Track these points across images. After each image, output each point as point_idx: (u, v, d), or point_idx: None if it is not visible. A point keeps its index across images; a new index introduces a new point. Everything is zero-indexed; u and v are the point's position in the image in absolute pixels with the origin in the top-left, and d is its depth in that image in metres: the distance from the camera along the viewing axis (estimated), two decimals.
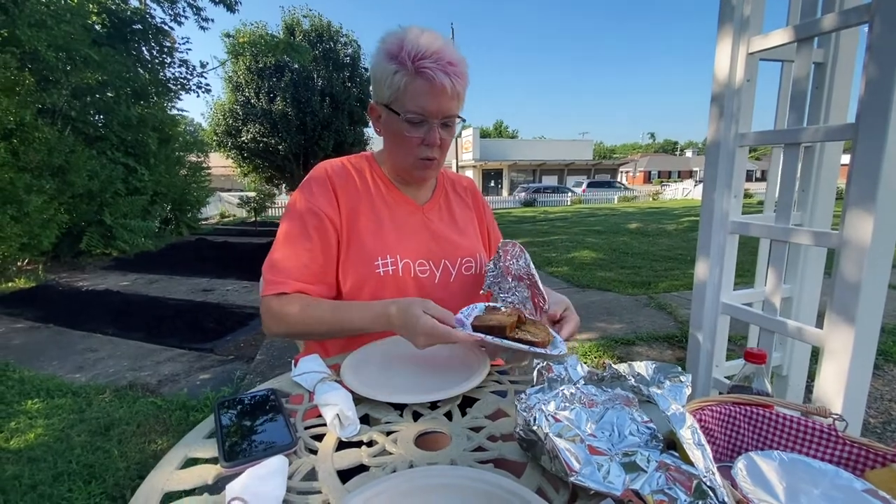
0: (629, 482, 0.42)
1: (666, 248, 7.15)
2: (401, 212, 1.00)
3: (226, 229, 12.40)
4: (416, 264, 0.96)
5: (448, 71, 0.84)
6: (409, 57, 0.83)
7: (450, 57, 0.85)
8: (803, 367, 1.57)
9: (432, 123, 0.89)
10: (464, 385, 0.67)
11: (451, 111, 0.89)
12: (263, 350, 3.20)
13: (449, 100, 0.87)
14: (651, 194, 26.48)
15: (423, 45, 0.83)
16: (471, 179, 1.23)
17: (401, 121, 0.88)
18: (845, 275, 1.03)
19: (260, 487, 0.44)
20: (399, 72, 0.84)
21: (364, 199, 0.97)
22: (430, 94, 0.85)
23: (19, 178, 5.04)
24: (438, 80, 0.83)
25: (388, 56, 0.85)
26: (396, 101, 0.87)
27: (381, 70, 0.86)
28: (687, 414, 0.47)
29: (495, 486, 0.41)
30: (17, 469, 1.80)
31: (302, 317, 0.83)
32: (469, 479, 0.43)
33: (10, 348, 3.35)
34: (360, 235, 0.94)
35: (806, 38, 1.16)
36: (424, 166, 0.95)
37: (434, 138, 0.90)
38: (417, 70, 0.83)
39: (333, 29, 15.31)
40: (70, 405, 2.36)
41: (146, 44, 7.51)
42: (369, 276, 0.92)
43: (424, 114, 0.87)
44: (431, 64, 0.83)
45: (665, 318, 3.64)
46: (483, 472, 0.44)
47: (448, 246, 1.02)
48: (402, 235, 0.97)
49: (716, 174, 1.36)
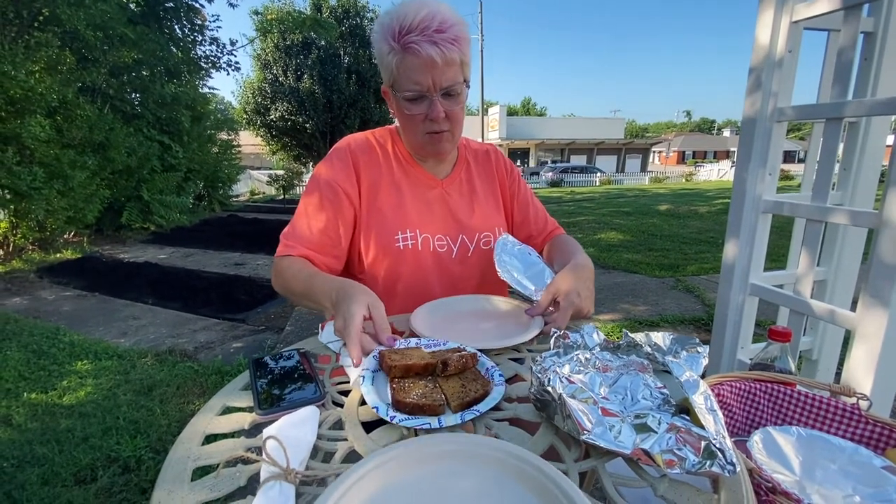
0: (639, 442, 0.44)
1: (697, 230, 6.93)
2: (420, 186, 1.00)
3: (256, 206, 12.72)
4: (435, 239, 0.98)
5: (435, 39, 0.80)
6: (396, 34, 0.81)
7: (437, 24, 0.80)
8: (834, 352, 1.52)
9: (432, 97, 0.86)
10: (514, 339, 0.73)
11: (449, 80, 0.85)
12: (293, 321, 3.33)
13: (443, 70, 0.83)
14: (685, 175, 25.55)
15: (406, 17, 0.80)
16: (492, 145, 1.20)
17: (402, 99, 0.87)
18: (883, 257, 0.99)
19: (293, 431, 0.48)
20: (391, 52, 0.83)
21: (385, 173, 0.98)
22: (421, 68, 0.82)
23: (64, 154, 5.30)
24: (425, 52, 0.79)
25: (382, 37, 0.84)
26: (396, 82, 0.86)
27: (378, 53, 0.86)
28: (701, 381, 0.48)
29: (506, 454, 0.43)
30: (69, 423, 1.96)
31: (289, 276, 0.86)
32: (481, 447, 0.44)
33: (60, 314, 3.59)
34: (380, 210, 0.95)
35: (854, 6, 1.09)
36: (435, 140, 0.93)
37: (436, 112, 0.87)
38: (404, 46, 0.80)
39: (360, 4, 15.17)
40: (116, 367, 2.53)
41: (178, 21, 7.65)
42: (389, 250, 0.94)
43: (420, 89, 0.84)
44: (416, 37, 0.79)
45: (692, 301, 3.57)
46: (494, 441, 0.45)
47: (466, 221, 1.02)
48: (421, 210, 0.99)
49: (750, 151, 1.31)
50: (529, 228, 1.14)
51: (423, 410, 0.51)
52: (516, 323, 0.83)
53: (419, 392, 0.54)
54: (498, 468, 0.43)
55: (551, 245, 1.11)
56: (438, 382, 0.57)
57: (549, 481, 0.40)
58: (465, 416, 0.51)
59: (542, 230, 1.15)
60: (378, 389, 0.57)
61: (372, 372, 0.60)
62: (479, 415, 0.51)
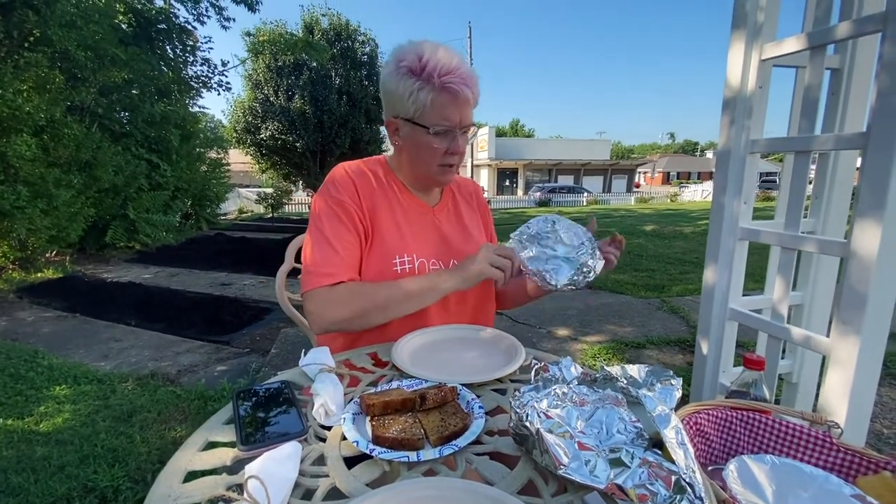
0: (613, 476, 0.45)
1: (682, 251, 7.06)
2: (413, 213, 1.05)
3: (244, 225, 12.64)
4: (430, 263, 1.01)
5: (467, 82, 0.91)
6: (434, 73, 0.88)
7: (467, 69, 0.92)
8: (813, 375, 1.56)
9: (456, 133, 0.95)
10: (495, 372, 0.73)
11: (469, 119, 0.96)
12: (278, 344, 3.29)
13: (468, 109, 0.95)
14: (670, 196, 26.07)
15: (443, 61, 0.89)
16: (475, 183, 1.29)
17: (427, 133, 0.93)
18: (853, 284, 1.03)
19: (275, 469, 0.48)
20: (424, 88, 0.89)
21: (381, 199, 1.01)
22: (455, 106, 0.92)
23: (49, 172, 5.24)
24: (463, 93, 0.90)
25: (410, 72, 0.90)
26: (423, 116, 0.92)
27: (402, 86, 0.91)
28: (672, 415, 0.49)
29: (483, 497, 0.43)
30: (46, 450, 1.90)
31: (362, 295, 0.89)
32: (456, 491, 0.45)
33: (39, 336, 3.50)
34: (381, 233, 0.99)
35: (819, 46, 1.16)
36: (446, 171, 1.01)
37: (459, 147, 0.97)
38: (443, 85, 0.89)
39: (352, 28, 15.45)
40: (95, 392, 2.47)
41: (170, 42, 7.73)
42: (387, 273, 0.96)
43: (450, 125, 0.93)
44: (454, 79, 0.89)
45: (677, 323, 3.61)
46: (471, 484, 0.45)
47: (457, 246, 1.07)
48: (417, 235, 1.02)
49: (726, 180, 1.36)
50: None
51: (402, 445, 0.52)
52: (498, 353, 0.84)
53: (399, 427, 0.55)
54: None
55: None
56: (418, 417, 0.58)
57: None
58: (444, 450, 0.52)
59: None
60: (359, 428, 0.57)
61: (353, 415, 0.61)
62: (457, 449, 0.52)
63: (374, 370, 0.80)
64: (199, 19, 7.89)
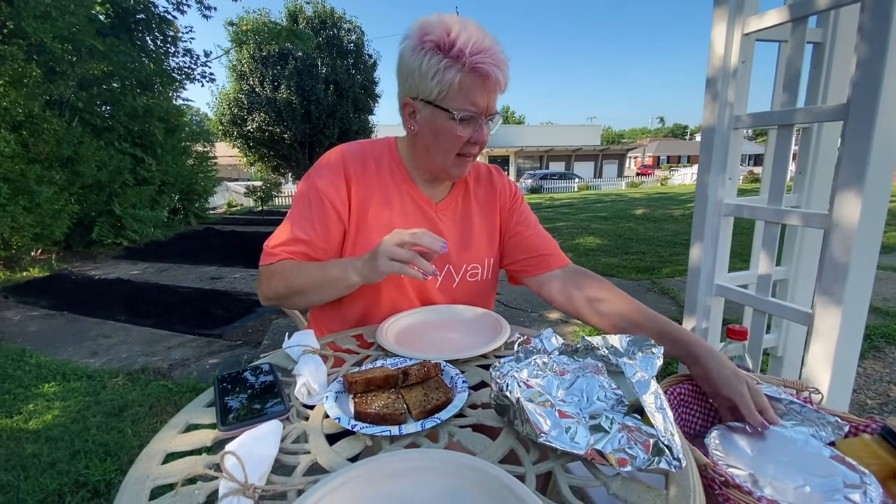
0: (593, 442, 0.45)
1: (671, 233, 7.10)
2: (412, 209, 0.96)
3: (233, 218, 12.50)
4: None
5: (499, 64, 0.81)
6: (465, 51, 0.77)
7: (499, 49, 0.81)
8: (798, 348, 1.58)
9: (481, 121, 0.85)
10: (479, 348, 0.74)
11: (495, 106, 0.87)
12: (270, 335, 3.27)
13: (496, 96, 0.85)
14: (660, 180, 26.20)
15: (475, 38, 0.78)
16: (513, 184, 1.14)
17: (449, 119, 0.83)
18: (834, 256, 1.04)
19: (255, 446, 0.48)
20: (451, 67, 0.79)
21: (377, 192, 0.93)
22: (484, 90, 0.82)
23: (30, 169, 5.13)
24: (494, 75, 0.80)
25: (436, 48, 0.79)
26: (446, 98, 0.81)
27: (426, 64, 0.79)
28: (652, 381, 0.50)
29: (464, 467, 0.43)
30: (36, 448, 1.88)
31: (289, 275, 0.85)
32: (437, 462, 0.44)
33: (26, 335, 3.45)
34: (367, 229, 0.92)
35: (800, 18, 1.15)
36: (463, 163, 0.91)
37: (482, 135, 0.86)
38: (473, 66, 0.78)
39: (336, 15, 15.20)
40: (85, 388, 2.44)
41: (150, 33, 7.53)
42: None
43: (476, 110, 0.83)
44: (486, 59, 0.78)
45: (667, 303, 3.65)
46: (452, 454, 0.45)
47: (455, 251, 0.98)
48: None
49: (710, 157, 1.36)
50: (540, 248, 1.05)
51: (384, 420, 0.52)
52: (484, 331, 0.84)
53: (381, 403, 0.55)
54: (456, 481, 0.43)
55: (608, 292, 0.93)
56: (401, 393, 0.58)
57: (505, 490, 0.41)
58: (426, 423, 0.52)
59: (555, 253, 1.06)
60: (342, 406, 0.57)
61: (336, 393, 0.60)
62: (439, 422, 0.52)
63: (359, 351, 0.80)
64: (178, 8, 7.67)
